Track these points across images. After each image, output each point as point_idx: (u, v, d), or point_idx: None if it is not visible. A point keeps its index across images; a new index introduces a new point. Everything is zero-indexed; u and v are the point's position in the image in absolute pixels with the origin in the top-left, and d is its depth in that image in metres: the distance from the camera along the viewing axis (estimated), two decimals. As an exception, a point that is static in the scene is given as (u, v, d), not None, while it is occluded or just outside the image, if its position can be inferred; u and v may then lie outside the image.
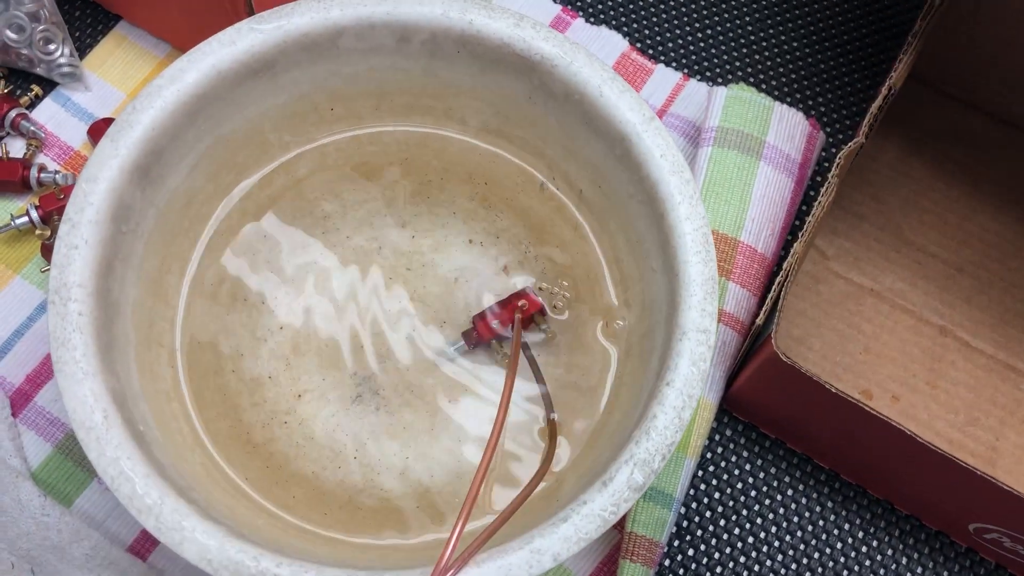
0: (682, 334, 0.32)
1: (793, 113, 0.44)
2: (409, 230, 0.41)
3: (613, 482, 0.30)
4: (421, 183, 0.41)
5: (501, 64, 0.37)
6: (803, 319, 0.44)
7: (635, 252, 0.37)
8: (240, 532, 0.30)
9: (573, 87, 0.36)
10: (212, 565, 0.28)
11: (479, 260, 0.41)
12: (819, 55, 0.50)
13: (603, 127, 0.36)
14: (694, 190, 0.34)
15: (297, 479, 0.37)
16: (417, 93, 0.39)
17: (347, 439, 0.37)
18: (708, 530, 0.41)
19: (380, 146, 0.41)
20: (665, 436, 0.31)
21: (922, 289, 0.45)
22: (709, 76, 0.49)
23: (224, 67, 0.35)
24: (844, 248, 0.46)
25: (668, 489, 0.38)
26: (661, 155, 0.34)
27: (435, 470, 0.37)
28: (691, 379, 0.32)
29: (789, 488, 0.42)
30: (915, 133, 0.48)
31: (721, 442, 0.43)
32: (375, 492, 0.37)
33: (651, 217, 0.35)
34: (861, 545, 0.41)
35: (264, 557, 0.29)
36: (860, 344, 0.44)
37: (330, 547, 0.34)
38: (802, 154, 0.44)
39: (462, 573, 0.29)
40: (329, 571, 0.29)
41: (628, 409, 0.35)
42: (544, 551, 0.29)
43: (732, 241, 0.41)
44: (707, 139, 0.43)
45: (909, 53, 0.40)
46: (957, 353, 0.44)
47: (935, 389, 0.43)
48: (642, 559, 0.37)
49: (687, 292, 0.33)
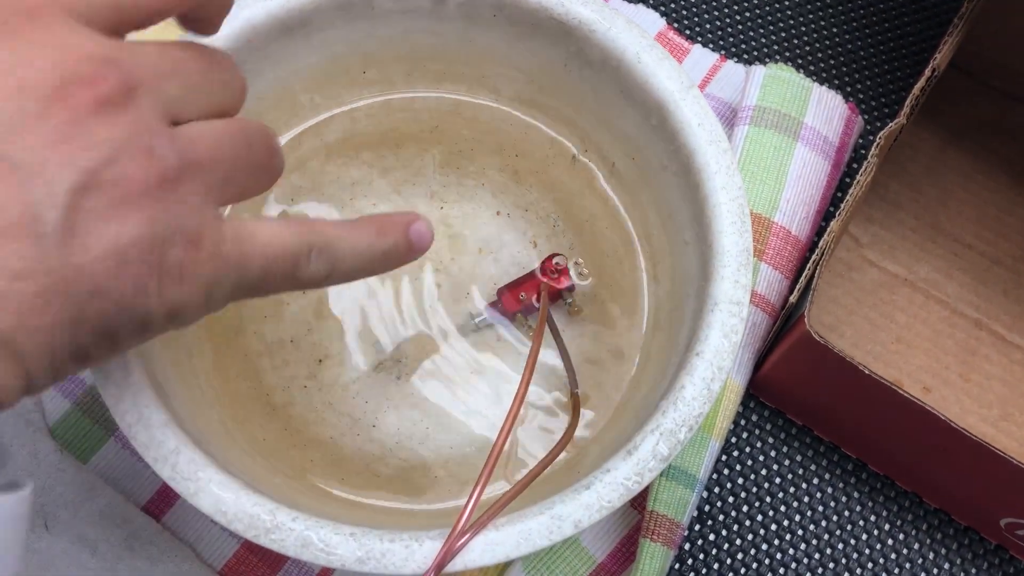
0: (714, 304, 0.31)
1: (832, 95, 0.43)
2: (437, 201, 0.40)
3: (638, 451, 0.29)
4: (451, 153, 0.41)
5: (538, 29, 0.36)
6: (835, 306, 0.43)
7: (667, 225, 0.37)
8: (256, 488, 0.30)
9: (611, 53, 0.35)
10: (227, 517, 0.28)
11: (507, 232, 0.40)
12: (859, 41, 0.49)
13: (640, 95, 0.35)
14: (731, 161, 0.33)
15: (315, 443, 0.36)
16: (451, 59, 0.39)
17: (367, 406, 0.37)
18: (730, 515, 0.40)
19: (411, 113, 0.41)
20: (692, 407, 0.30)
21: (957, 281, 0.44)
22: (746, 58, 0.48)
23: (258, 21, 0.35)
24: (879, 236, 0.45)
25: (692, 469, 0.38)
26: (699, 124, 0.34)
27: (455, 440, 0.36)
28: (722, 351, 0.31)
29: (815, 477, 0.41)
30: (955, 123, 0.47)
31: (747, 427, 0.42)
32: (393, 460, 0.36)
33: (685, 188, 0.34)
34: (887, 538, 0.40)
35: (280, 511, 0.28)
36: (892, 334, 0.43)
37: (347, 508, 0.33)
38: (840, 138, 0.43)
39: (480, 536, 0.28)
40: (345, 527, 0.28)
41: (655, 383, 0.34)
42: (565, 517, 0.28)
43: (766, 221, 0.40)
44: (744, 118, 0.42)
45: (955, 35, 0.39)
46: (992, 347, 0.43)
47: (968, 382, 0.42)
48: (663, 539, 0.37)
49: (720, 263, 0.32)
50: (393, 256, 0.28)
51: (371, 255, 0.27)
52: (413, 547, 0.28)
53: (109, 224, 0.21)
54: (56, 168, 0.20)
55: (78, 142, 0.21)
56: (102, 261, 0.21)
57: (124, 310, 0.22)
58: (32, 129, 0.20)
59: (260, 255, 0.24)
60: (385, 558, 0.28)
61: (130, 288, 0.21)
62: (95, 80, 0.21)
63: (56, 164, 0.20)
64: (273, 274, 0.25)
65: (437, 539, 0.28)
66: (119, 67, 0.22)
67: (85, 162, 0.21)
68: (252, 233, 0.24)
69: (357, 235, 0.27)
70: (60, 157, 0.20)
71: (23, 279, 0.20)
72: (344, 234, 0.27)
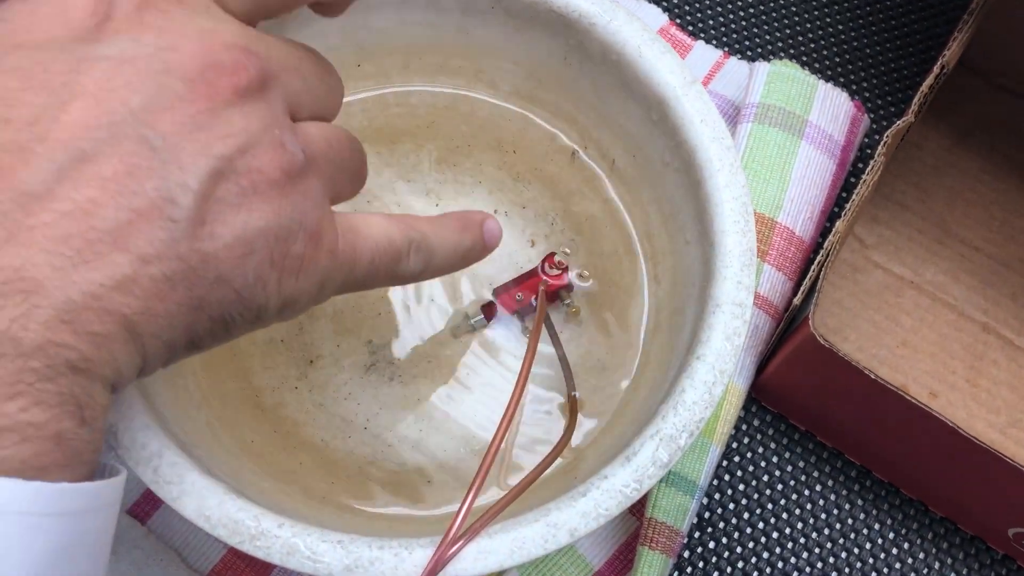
0: (716, 306, 0.30)
1: (838, 93, 0.42)
2: (433, 198, 0.39)
3: (637, 457, 0.28)
4: (447, 149, 0.40)
5: (536, 22, 0.35)
6: (839, 309, 0.42)
7: (668, 225, 0.36)
8: (242, 492, 0.29)
9: (611, 47, 0.34)
10: (210, 522, 0.27)
11: (504, 231, 0.39)
12: (865, 38, 0.48)
13: (641, 90, 0.34)
14: (735, 158, 0.32)
15: (306, 446, 0.35)
16: (448, 52, 0.38)
17: (359, 408, 0.36)
18: (731, 522, 0.39)
19: (407, 108, 0.40)
20: (694, 412, 0.29)
21: (965, 284, 0.43)
22: (750, 55, 0.47)
23: (249, 12, 0.34)
24: (885, 237, 0.44)
25: (691, 476, 0.37)
26: (701, 120, 0.33)
27: (449, 444, 0.36)
28: (724, 354, 0.30)
29: (817, 483, 0.40)
30: (963, 123, 0.46)
31: (748, 432, 0.41)
32: (385, 464, 0.35)
33: (687, 186, 0.33)
34: (891, 547, 0.39)
35: (265, 517, 0.27)
36: (898, 337, 0.42)
37: (336, 514, 0.32)
38: (845, 136, 0.42)
39: (472, 544, 0.27)
40: (333, 534, 0.27)
41: (654, 386, 0.33)
42: (560, 525, 0.27)
43: (769, 221, 0.39)
44: (747, 115, 0.41)
45: (964, 32, 0.38)
46: (1000, 352, 0.42)
47: (975, 388, 0.41)
48: (662, 547, 0.36)
49: (723, 263, 0.31)
50: (472, 253, 0.30)
51: (458, 252, 0.29)
52: (403, 555, 0.27)
53: (239, 213, 0.21)
54: (192, 153, 0.20)
55: (216, 129, 0.21)
56: (229, 249, 0.21)
57: (243, 300, 0.22)
58: (173, 112, 0.20)
59: (369, 250, 0.25)
60: (373, 567, 0.27)
61: (251, 278, 0.22)
62: (236, 69, 0.21)
63: (193, 149, 0.20)
64: (378, 269, 0.25)
65: (428, 547, 0.27)
66: (257, 57, 0.22)
67: (221, 149, 0.21)
68: (361, 228, 0.25)
69: (446, 232, 0.28)
70: (197, 143, 0.20)
71: (152, 263, 0.20)
72: (436, 230, 0.28)
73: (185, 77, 0.21)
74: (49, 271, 0.19)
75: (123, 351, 0.20)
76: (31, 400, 0.18)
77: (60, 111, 0.20)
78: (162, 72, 0.20)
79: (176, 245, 0.20)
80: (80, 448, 0.20)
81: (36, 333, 0.18)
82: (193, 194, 0.20)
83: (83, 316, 0.19)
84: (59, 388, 0.19)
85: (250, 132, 0.21)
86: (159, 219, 0.20)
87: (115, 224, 0.19)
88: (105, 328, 0.19)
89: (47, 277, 0.19)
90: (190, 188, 0.20)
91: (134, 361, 0.20)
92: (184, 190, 0.20)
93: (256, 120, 0.21)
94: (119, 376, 0.20)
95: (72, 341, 0.19)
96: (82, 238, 0.19)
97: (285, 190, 0.22)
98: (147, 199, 0.20)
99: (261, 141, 0.21)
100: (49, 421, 0.19)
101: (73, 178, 0.19)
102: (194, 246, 0.20)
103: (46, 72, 0.20)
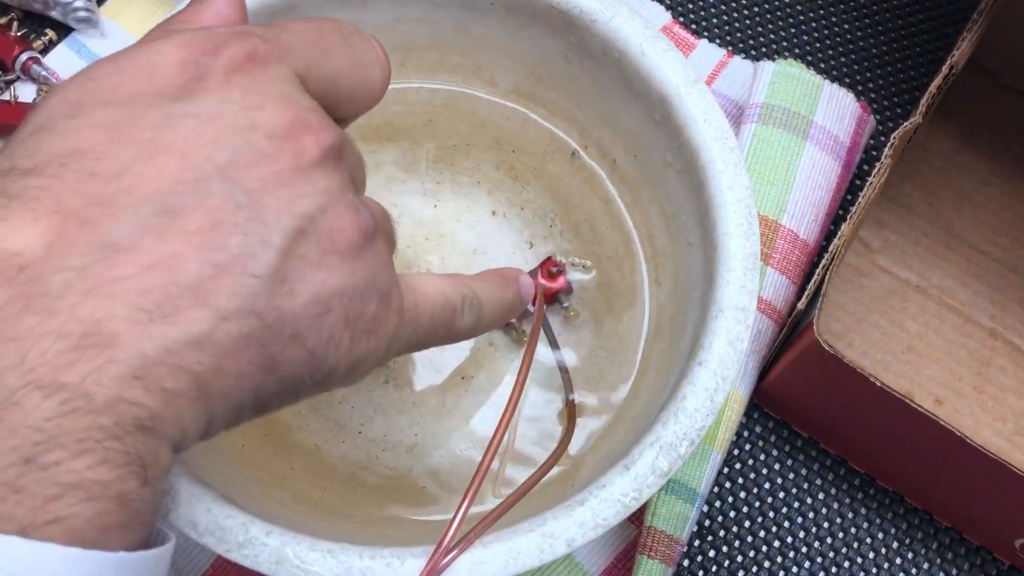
0: (718, 311, 0.30)
1: (844, 94, 0.41)
2: (430, 198, 0.39)
3: (636, 465, 0.28)
4: (445, 148, 0.39)
5: (536, 18, 0.35)
6: (844, 313, 0.41)
7: (670, 226, 0.35)
8: (231, 499, 0.28)
9: (612, 44, 0.33)
10: (197, 530, 0.26)
11: (502, 233, 0.38)
12: (871, 39, 0.47)
13: (643, 89, 0.33)
14: (738, 158, 0.31)
15: (298, 451, 0.34)
16: (446, 48, 0.37)
17: (353, 412, 0.35)
18: (731, 531, 0.39)
19: (404, 106, 0.39)
20: (695, 419, 0.28)
21: (972, 288, 0.42)
22: (754, 54, 0.46)
23: (242, 6, 0.33)
24: (890, 241, 0.43)
25: (692, 483, 0.36)
26: (704, 120, 0.32)
27: (444, 449, 0.35)
28: (726, 360, 0.29)
29: (820, 491, 0.39)
30: (971, 125, 0.45)
31: (750, 439, 0.40)
32: (379, 469, 0.34)
33: (690, 187, 0.33)
34: (895, 556, 0.39)
35: (253, 524, 0.26)
36: (903, 343, 0.41)
37: (328, 521, 0.32)
38: (851, 138, 0.41)
39: (467, 554, 0.26)
40: (323, 543, 0.26)
41: (654, 392, 0.32)
42: (557, 535, 0.27)
43: (773, 224, 0.39)
44: (751, 116, 0.40)
45: (974, 31, 0.38)
46: (1007, 358, 0.41)
47: (982, 394, 0.40)
48: (660, 556, 0.35)
49: (725, 267, 0.30)
50: (513, 308, 0.31)
51: (503, 306, 0.30)
52: (395, 565, 0.26)
53: (318, 272, 0.21)
54: (276, 211, 0.20)
55: (300, 188, 0.21)
56: (307, 308, 0.21)
57: (315, 360, 0.22)
58: (258, 168, 0.20)
59: (429, 308, 0.26)
60: (364, 577, 0.26)
61: (324, 338, 0.21)
62: (321, 130, 0.22)
63: (277, 206, 0.20)
64: (437, 326, 0.26)
65: (421, 556, 0.26)
66: (334, 124, 0.23)
67: (304, 208, 0.21)
68: (418, 287, 0.26)
69: (491, 287, 0.29)
70: (281, 200, 0.20)
71: (231, 320, 0.20)
72: (484, 286, 0.29)
73: (271, 135, 0.21)
74: (127, 325, 0.18)
75: (191, 410, 0.19)
76: (99, 458, 0.18)
77: (146, 165, 0.20)
78: (248, 129, 0.21)
79: (255, 302, 0.20)
80: (141, 509, 0.19)
81: (108, 389, 0.18)
82: (275, 251, 0.20)
83: (156, 372, 0.19)
84: (126, 447, 0.18)
85: (331, 193, 0.21)
86: (240, 275, 0.20)
87: (197, 279, 0.19)
88: (176, 385, 0.19)
89: (125, 331, 0.18)
90: (272, 245, 0.20)
91: (200, 421, 0.20)
92: (266, 247, 0.20)
93: (336, 181, 0.22)
94: (184, 436, 0.20)
95: (143, 398, 0.18)
96: (163, 292, 0.19)
97: (362, 251, 0.22)
98: (230, 254, 0.20)
99: (341, 202, 0.22)
100: (114, 481, 0.18)
101: (157, 232, 0.19)
102: (273, 303, 0.20)
103: (133, 127, 0.20)
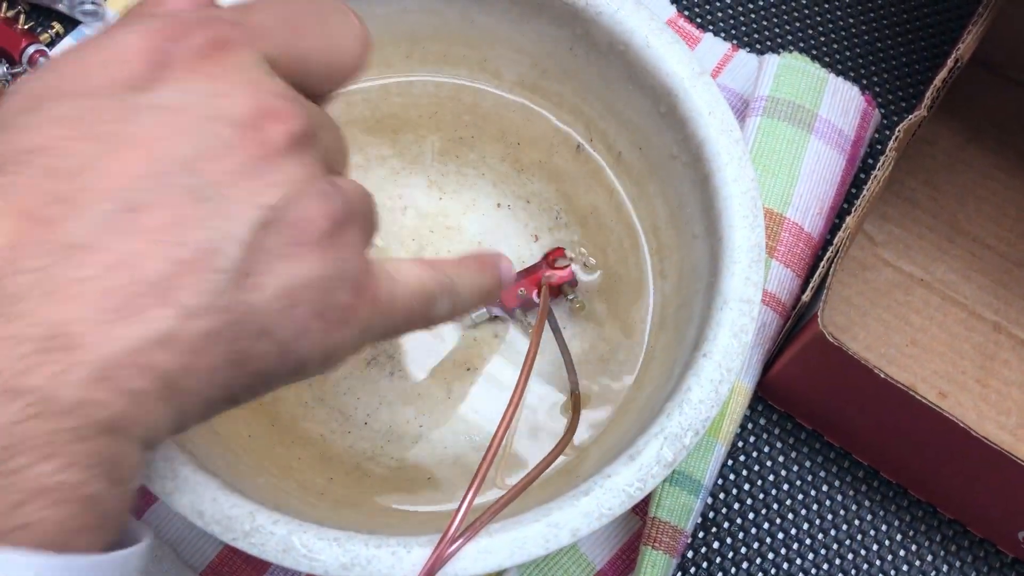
0: (723, 303, 0.30)
1: (849, 87, 0.42)
2: (435, 190, 0.39)
3: (640, 456, 0.28)
4: (450, 140, 0.39)
5: (542, 10, 0.35)
6: (848, 307, 0.41)
7: (675, 219, 0.35)
8: (237, 488, 0.28)
9: (618, 36, 0.33)
10: (203, 519, 0.26)
11: (507, 225, 0.38)
12: (876, 31, 0.47)
13: (648, 81, 0.33)
14: (743, 151, 0.31)
15: (303, 441, 0.35)
16: (451, 41, 0.37)
17: (359, 402, 0.35)
18: (735, 522, 0.39)
19: (410, 98, 0.39)
20: (699, 411, 0.29)
21: (976, 282, 0.42)
22: (759, 48, 0.46)
23: (249, -3, 0.33)
24: (894, 235, 0.43)
25: (696, 475, 0.36)
26: (710, 112, 0.32)
27: (449, 440, 0.35)
28: (731, 351, 0.29)
29: (824, 483, 0.40)
30: (976, 119, 0.45)
31: (754, 431, 0.40)
32: (385, 459, 0.35)
33: (695, 180, 0.33)
34: (899, 548, 0.39)
35: (260, 513, 0.27)
36: (907, 336, 0.41)
37: (334, 510, 0.32)
38: (856, 131, 0.41)
39: (472, 543, 0.26)
40: (329, 532, 0.26)
41: (659, 383, 0.33)
42: (562, 525, 0.27)
43: (778, 217, 0.39)
44: (756, 108, 0.40)
45: (980, 24, 0.38)
46: (1011, 352, 0.41)
47: (986, 388, 0.41)
48: (665, 547, 0.35)
49: (731, 259, 0.30)
50: (491, 293, 0.30)
51: (479, 292, 0.29)
52: (401, 554, 0.26)
53: (286, 264, 0.20)
54: (240, 203, 0.20)
55: (266, 178, 0.20)
56: (274, 301, 0.20)
57: (285, 353, 0.21)
58: (222, 159, 0.20)
59: (405, 296, 0.25)
60: (371, 565, 0.26)
61: (294, 331, 0.21)
62: (288, 117, 0.21)
63: (241, 198, 0.20)
64: (413, 314, 0.25)
65: (426, 546, 0.26)
66: (305, 108, 0.22)
67: (269, 199, 0.20)
68: (394, 274, 0.24)
69: (469, 273, 0.28)
70: (245, 191, 0.20)
71: (197, 317, 0.19)
72: (461, 272, 0.27)
73: (236, 123, 0.20)
74: (91, 326, 0.18)
75: (160, 408, 0.19)
76: (65, 461, 0.18)
77: (108, 160, 0.19)
78: (212, 119, 0.20)
79: (221, 297, 0.19)
80: (112, 510, 0.19)
81: (74, 391, 0.18)
82: (240, 244, 0.20)
83: (122, 373, 0.18)
84: (93, 448, 0.18)
85: (298, 182, 0.21)
86: (205, 271, 0.19)
87: (159, 277, 0.19)
88: (144, 385, 0.19)
89: (89, 332, 0.18)
90: (237, 238, 0.20)
91: (170, 419, 0.20)
92: (231, 240, 0.19)
93: (304, 170, 0.21)
94: (154, 434, 0.20)
95: (110, 400, 0.18)
96: (126, 291, 0.18)
97: (330, 241, 0.21)
98: (193, 250, 0.19)
99: (308, 191, 0.21)
100: (82, 483, 0.18)
101: (119, 229, 0.19)
102: (239, 298, 0.20)
103: (95, 120, 0.19)
